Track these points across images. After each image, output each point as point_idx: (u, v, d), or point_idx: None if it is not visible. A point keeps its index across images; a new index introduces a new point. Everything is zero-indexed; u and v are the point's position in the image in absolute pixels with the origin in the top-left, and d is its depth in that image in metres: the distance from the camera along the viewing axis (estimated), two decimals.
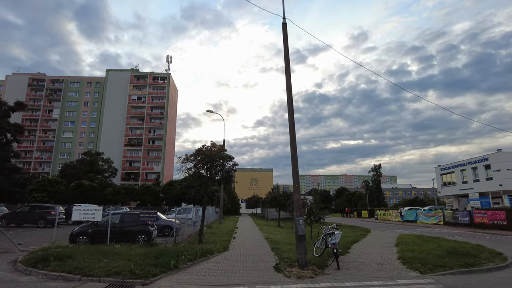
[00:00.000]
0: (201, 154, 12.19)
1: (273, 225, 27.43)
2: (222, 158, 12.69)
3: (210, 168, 12.62)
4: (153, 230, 13.65)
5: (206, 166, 12.45)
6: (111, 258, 8.58)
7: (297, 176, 8.84)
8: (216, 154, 12.41)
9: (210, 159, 12.23)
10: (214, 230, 19.16)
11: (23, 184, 43.96)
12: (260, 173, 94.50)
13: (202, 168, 12.54)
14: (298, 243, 8.38)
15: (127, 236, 12.51)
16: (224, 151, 12.63)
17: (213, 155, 12.35)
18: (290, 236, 17.40)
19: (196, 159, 12.03)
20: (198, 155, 12.12)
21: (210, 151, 12.53)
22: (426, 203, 65.52)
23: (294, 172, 8.88)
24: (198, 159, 11.99)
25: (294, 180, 8.88)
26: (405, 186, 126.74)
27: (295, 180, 8.85)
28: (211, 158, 12.27)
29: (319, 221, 15.57)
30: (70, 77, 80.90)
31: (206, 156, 12.22)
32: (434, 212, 31.22)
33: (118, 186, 44.82)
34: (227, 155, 12.60)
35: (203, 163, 12.26)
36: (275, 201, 27.35)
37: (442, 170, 48.35)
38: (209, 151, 12.42)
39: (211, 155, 12.30)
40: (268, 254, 10.72)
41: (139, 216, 12.31)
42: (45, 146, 73.18)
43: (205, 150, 12.43)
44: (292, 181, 8.90)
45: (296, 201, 8.73)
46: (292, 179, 8.89)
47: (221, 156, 12.38)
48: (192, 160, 12.15)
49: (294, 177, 8.87)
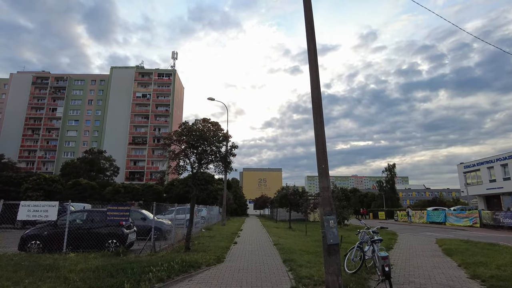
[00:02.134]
0: (190, 132, 9.09)
1: (283, 227, 24.17)
2: (218, 141, 9.55)
3: (202, 153, 9.54)
4: (130, 232, 10.64)
5: (196, 151, 9.34)
6: (38, 278, 5.57)
7: (323, 151, 5.66)
8: (210, 134, 9.30)
9: (202, 139, 9.12)
10: (213, 233, 16.07)
11: (19, 183, 41.84)
12: (269, 173, 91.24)
13: (192, 153, 9.45)
14: (327, 257, 5.21)
15: (93, 240, 9.52)
16: (221, 130, 9.48)
17: (206, 136, 9.24)
18: (305, 241, 14.16)
19: (181, 138, 8.94)
20: (185, 134, 9.01)
21: (203, 130, 9.42)
22: (446, 204, 61.13)
23: (318, 145, 5.69)
24: (184, 138, 8.90)
25: (319, 159, 5.69)
26: (418, 187, 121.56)
27: (320, 158, 5.66)
28: (204, 139, 9.15)
29: (342, 223, 12.33)
30: (74, 74, 79.41)
31: (197, 137, 9.11)
32: (468, 212, 27.40)
33: (118, 185, 42.27)
34: (224, 133, 9.43)
35: (193, 147, 9.16)
36: (285, 200, 24.12)
37: (465, 168, 44.23)
38: (200, 130, 9.30)
39: (204, 136, 9.19)
40: (279, 268, 7.54)
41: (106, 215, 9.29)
42: (49, 145, 71.71)
43: (195, 128, 9.30)
44: (317, 160, 5.70)
45: (324, 190, 5.54)
46: (316, 157, 5.70)
47: (216, 136, 9.26)
48: (177, 140, 9.07)
49: (319, 153, 5.68)
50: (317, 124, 5.65)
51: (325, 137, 5.74)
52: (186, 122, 9.26)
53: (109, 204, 9.35)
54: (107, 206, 9.31)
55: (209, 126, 9.23)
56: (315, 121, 5.76)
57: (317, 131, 5.61)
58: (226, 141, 9.34)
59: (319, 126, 5.63)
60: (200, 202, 37.88)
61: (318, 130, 5.61)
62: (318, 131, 5.61)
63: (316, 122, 5.75)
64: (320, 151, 5.61)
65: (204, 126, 9.18)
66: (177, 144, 9.29)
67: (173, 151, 9.33)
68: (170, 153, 9.30)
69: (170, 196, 42.47)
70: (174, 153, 9.58)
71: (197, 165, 9.26)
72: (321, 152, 5.61)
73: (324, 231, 5.30)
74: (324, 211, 5.36)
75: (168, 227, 14.60)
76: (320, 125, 5.64)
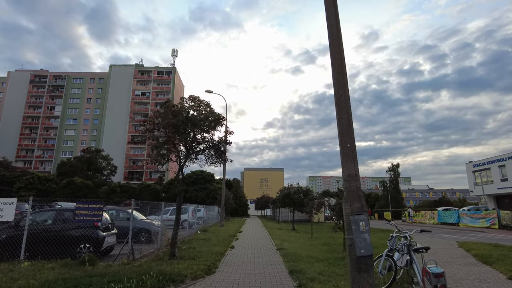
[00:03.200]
0: (174, 115, 7.47)
1: (286, 228, 22.52)
2: (210, 126, 7.90)
3: (193, 141, 7.93)
4: (109, 235, 9.04)
5: (185, 138, 7.71)
6: None
7: (348, 121, 4.03)
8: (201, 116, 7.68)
9: (191, 123, 7.49)
10: (209, 235, 14.45)
11: (12, 182, 40.43)
12: (270, 172, 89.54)
13: (180, 141, 7.81)
14: (356, 275, 3.60)
15: (62, 245, 7.92)
16: (213, 113, 7.80)
17: (196, 119, 7.61)
18: (312, 244, 12.52)
19: (165, 122, 7.31)
20: (169, 116, 7.36)
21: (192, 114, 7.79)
22: (453, 204, 59.27)
23: (341, 113, 4.06)
24: (166, 122, 7.26)
25: (342, 134, 4.06)
26: (421, 187, 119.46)
27: (344, 133, 4.02)
28: (193, 123, 7.52)
29: None
30: (73, 73, 78.13)
31: (185, 121, 7.49)
32: (484, 213, 25.64)
33: (114, 184, 40.76)
34: (217, 114, 7.73)
35: (178, 132, 7.52)
36: (288, 199, 22.45)
37: (474, 166, 42.36)
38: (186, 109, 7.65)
39: (194, 119, 7.56)
40: (284, 283, 5.90)
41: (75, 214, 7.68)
42: (47, 144, 70.39)
43: (183, 110, 7.66)
44: (339, 136, 4.06)
45: (350, 179, 3.92)
46: (339, 132, 4.06)
47: (208, 120, 7.62)
48: (159, 125, 7.45)
49: (342, 125, 4.05)
50: (338, 83, 4.02)
51: (350, 104, 4.11)
52: (169, 101, 7.60)
53: (78, 202, 7.75)
54: (77, 204, 7.70)
55: (199, 104, 7.58)
56: (336, 80, 4.13)
57: (339, 92, 3.99)
58: (219, 124, 7.71)
59: (342, 85, 4.00)
60: (199, 201, 36.26)
61: (341, 91, 3.99)
62: (341, 92, 3.98)
63: (337, 81, 4.12)
64: (344, 123, 3.98)
65: (192, 106, 7.54)
66: (162, 130, 7.67)
67: (157, 138, 7.71)
68: (153, 140, 7.69)
69: (169, 195, 40.87)
70: (158, 141, 7.93)
71: (184, 155, 7.63)
72: (345, 123, 3.98)
73: (351, 237, 3.67)
74: (352, 209, 3.74)
75: (159, 228, 13.04)
76: (343, 85, 4.02)
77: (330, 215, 10.76)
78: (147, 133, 7.67)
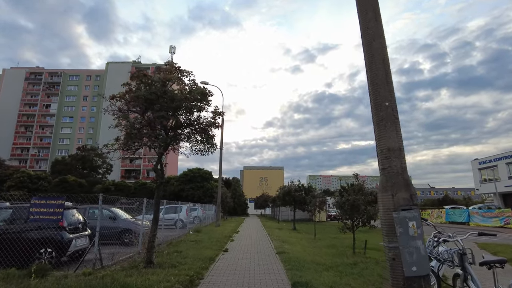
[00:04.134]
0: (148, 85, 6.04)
1: (287, 228, 21.13)
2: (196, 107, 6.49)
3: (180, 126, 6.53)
4: (78, 237, 7.65)
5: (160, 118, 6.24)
6: None
7: (385, 74, 2.61)
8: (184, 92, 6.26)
9: (170, 99, 6.07)
10: (201, 236, 13.07)
11: (3, 181, 39.05)
12: (270, 171, 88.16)
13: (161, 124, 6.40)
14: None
15: (16, 250, 6.53)
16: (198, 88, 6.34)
17: (177, 96, 6.18)
18: (316, 246, 11.13)
19: (135, 94, 5.89)
20: (144, 93, 5.94)
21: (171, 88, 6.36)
22: (458, 203, 57.96)
23: (376, 63, 2.64)
24: (136, 95, 5.84)
25: (375, 91, 2.65)
26: (422, 186, 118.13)
27: (379, 90, 2.61)
28: (172, 99, 6.09)
29: (367, 224, 9.32)
30: (69, 70, 76.78)
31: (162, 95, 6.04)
32: (497, 211, 24.26)
33: (108, 182, 39.42)
34: (201, 88, 6.29)
35: (153, 110, 6.08)
36: (289, 197, 21.06)
37: (480, 164, 41.06)
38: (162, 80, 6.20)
39: (172, 94, 6.13)
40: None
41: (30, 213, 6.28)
42: (42, 143, 69.04)
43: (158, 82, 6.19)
44: (372, 94, 2.66)
45: (391, 155, 2.54)
46: (370, 89, 2.65)
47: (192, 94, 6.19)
48: (132, 102, 6.05)
49: (379, 78, 2.63)
50: (367, 16, 2.61)
51: (386, 49, 2.70)
52: (141, 70, 6.16)
53: (33, 197, 6.35)
54: (32, 200, 6.30)
55: (178, 76, 6.14)
56: (365, 13, 2.72)
57: (370, 31, 2.57)
58: (205, 101, 6.29)
59: (373, 22, 2.59)
60: (195, 200, 34.93)
61: (373, 29, 2.57)
62: (373, 31, 2.57)
63: (365, 14, 2.71)
64: (380, 73, 2.59)
65: (172, 77, 6.08)
66: (134, 110, 6.25)
67: (126, 116, 6.28)
68: (124, 120, 6.27)
69: (164, 194, 39.54)
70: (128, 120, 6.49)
71: (163, 139, 6.20)
72: (382, 74, 2.58)
73: (394, 246, 2.27)
74: (395, 201, 2.37)
75: (146, 228, 11.67)
76: (374, 21, 2.60)
77: (339, 214, 9.29)
78: (120, 112, 6.24)
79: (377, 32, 2.84)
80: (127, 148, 6.16)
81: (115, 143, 6.16)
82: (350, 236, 10.68)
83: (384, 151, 2.60)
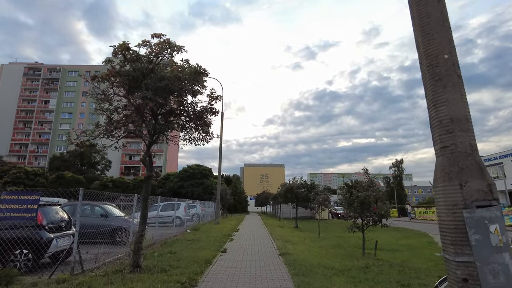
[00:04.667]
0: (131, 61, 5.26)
1: (288, 226, 20.41)
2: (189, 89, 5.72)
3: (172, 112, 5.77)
4: (59, 236, 6.91)
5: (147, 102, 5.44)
6: None
7: (440, 12, 1.80)
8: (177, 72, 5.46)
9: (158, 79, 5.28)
10: (199, 235, 12.33)
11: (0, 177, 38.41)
12: (271, 168, 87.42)
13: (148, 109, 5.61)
14: None
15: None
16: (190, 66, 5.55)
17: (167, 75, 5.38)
18: (322, 246, 10.37)
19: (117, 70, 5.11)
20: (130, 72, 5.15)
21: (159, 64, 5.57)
22: None
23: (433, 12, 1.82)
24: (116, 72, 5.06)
25: (429, 31, 1.84)
26: (424, 184, 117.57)
27: (435, 29, 1.80)
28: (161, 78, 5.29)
29: (378, 223, 8.56)
30: (68, 65, 75.95)
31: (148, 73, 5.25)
32: (507, 210, 23.50)
33: (106, 179, 38.73)
34: (194, 66, 5.51)
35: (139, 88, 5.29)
36: (291, 194, 20.31)
37: (485, 161, 40.16)
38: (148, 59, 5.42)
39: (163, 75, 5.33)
40: None
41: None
42: (41, 139, 68.40)
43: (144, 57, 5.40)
44: (420, 41, 1.85)
45: (455, 128, 1.73)
46: (416, 30, 1.84)
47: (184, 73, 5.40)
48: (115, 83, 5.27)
49: (437, 27, 1.81)
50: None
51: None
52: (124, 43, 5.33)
53: (3, 193, 5.60)
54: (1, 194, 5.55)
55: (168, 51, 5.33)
56: None
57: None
58: (198, 82, 5.49)
59: None
60: (195, 197, 34.20)
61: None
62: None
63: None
64: (434, 14, 1.79)
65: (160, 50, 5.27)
66: (119, 93, 5.47)
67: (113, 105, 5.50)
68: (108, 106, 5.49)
69: (164, 191, 38.86)
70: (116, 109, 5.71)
71: (152, 125, 5.44)
72: (437, 16, 1.79)
73: (469, 260, 1.47)
74: (465, 193, 1.57)
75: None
76: None
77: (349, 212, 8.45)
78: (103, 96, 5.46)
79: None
80: (108, 135, 5.38)
81: (95, 129, 5.36)
82: (356, 235, 9.95)
83: (445, 121, 1.83)
